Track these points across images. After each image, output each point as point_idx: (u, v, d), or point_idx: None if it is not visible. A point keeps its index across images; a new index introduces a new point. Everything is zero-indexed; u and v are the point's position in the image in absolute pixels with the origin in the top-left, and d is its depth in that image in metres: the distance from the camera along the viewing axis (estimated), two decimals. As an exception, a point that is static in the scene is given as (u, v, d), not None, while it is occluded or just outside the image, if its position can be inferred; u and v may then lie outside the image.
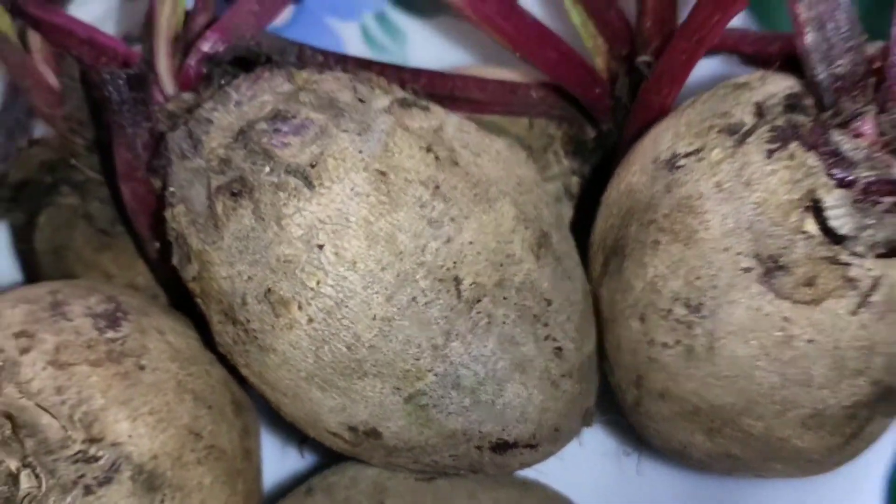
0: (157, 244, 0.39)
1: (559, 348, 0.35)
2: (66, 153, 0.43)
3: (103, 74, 0.36)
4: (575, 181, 0.45)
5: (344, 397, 0.34)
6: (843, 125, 0.32)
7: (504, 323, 0.34)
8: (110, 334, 0.36)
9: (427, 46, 0.50)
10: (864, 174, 0.32)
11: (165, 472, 0.34)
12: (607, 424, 0.43)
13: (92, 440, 0.34)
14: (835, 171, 0.32)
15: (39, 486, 0.33)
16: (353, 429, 0.35)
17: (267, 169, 0.33)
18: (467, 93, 0.42)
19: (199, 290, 0.34)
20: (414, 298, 0.33)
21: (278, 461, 0.44)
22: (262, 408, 0.39)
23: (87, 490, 0.33)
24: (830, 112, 0.32)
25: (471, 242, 0.33)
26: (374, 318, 0.32)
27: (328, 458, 0.44)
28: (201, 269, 0.33)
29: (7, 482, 0.33)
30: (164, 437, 0.35)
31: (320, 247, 0.32)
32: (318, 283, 0.32)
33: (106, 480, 0.34)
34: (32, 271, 0.44)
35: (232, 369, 0.39)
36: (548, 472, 0.40)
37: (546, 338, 0.35)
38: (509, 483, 0.39)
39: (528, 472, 0.41)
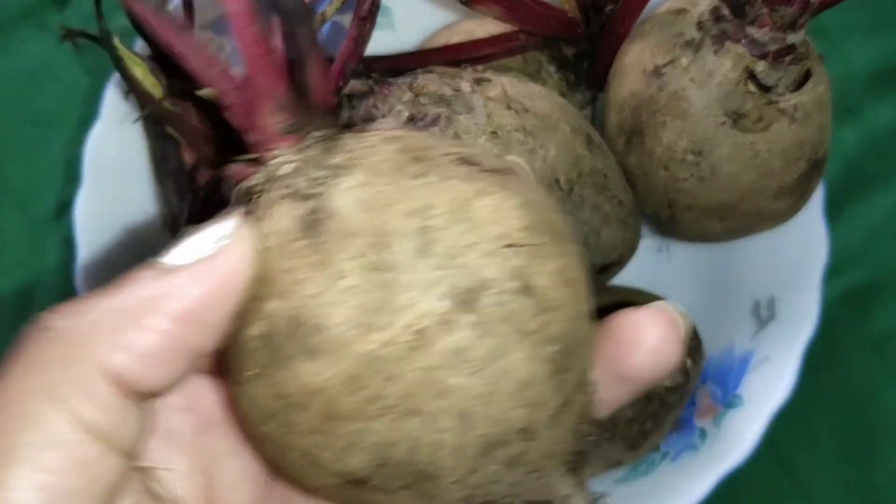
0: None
1: (620, 201, 0.51)
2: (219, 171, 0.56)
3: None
4: (565, 87, 0.59)
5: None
6: (752, 23, 0.47)
7: (589, 197, 0.49)
8: None
9: (410, 15, 0.64)
10: (772, 47, 0.47)
11: None
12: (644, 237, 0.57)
13: None
14: (755, 51, 0.47)
15: None
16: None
17: (427, 151, 0.49)
18: (481, 52, 0.56)
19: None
20: (537, 199, 0.50)
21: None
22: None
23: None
24: (742, 17, 0.48)
25: (555, 156, 0.48)
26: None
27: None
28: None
29: None
30: None
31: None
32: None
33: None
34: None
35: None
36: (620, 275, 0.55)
37: (612, 198, 0.50)
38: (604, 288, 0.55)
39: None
